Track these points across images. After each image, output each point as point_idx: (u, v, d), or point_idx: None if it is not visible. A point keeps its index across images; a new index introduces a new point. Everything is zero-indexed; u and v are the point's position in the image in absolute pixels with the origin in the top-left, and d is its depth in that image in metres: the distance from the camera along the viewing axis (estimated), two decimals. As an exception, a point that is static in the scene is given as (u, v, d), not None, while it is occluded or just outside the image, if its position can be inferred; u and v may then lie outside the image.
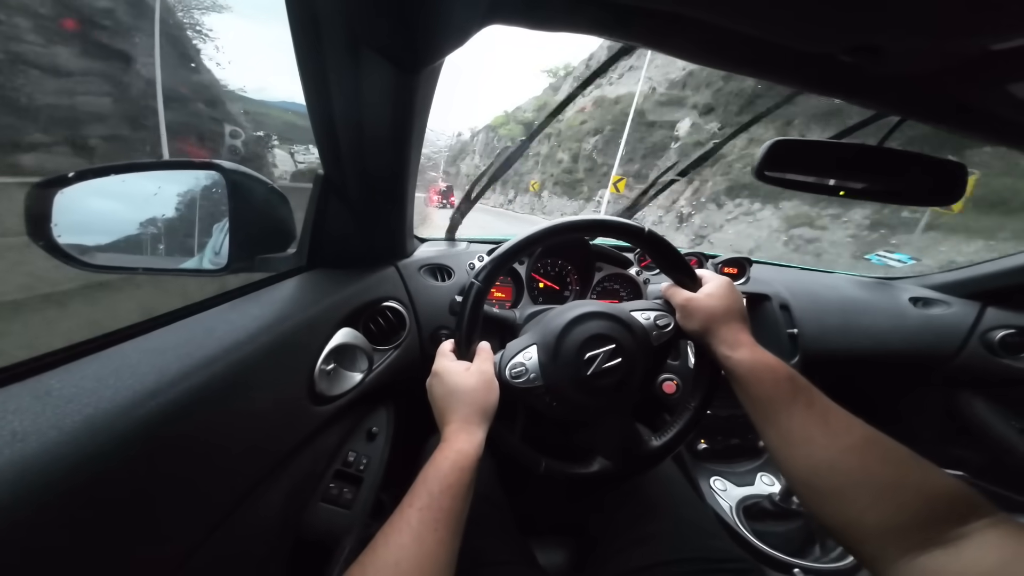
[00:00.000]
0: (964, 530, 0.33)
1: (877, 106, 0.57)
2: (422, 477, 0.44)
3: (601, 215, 0.61)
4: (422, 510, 0.41)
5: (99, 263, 0.58)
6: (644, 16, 0.44)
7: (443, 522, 0.41)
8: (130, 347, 0.42)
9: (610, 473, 0.60)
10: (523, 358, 0.58)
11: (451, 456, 0.46)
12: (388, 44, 0.48)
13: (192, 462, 0.37)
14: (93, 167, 0.56)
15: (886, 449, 0.40)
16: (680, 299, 0.59)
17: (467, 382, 0.53)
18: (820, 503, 0.41)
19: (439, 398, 0.54)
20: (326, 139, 0.60)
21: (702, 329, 0.56)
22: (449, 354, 0.58)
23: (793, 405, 0.46)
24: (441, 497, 0.42)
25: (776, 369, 0.50)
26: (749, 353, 0.52)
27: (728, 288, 0.59)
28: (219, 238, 0.67)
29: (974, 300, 1.34)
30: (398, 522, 0.40)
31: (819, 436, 0.43)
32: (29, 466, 0.27)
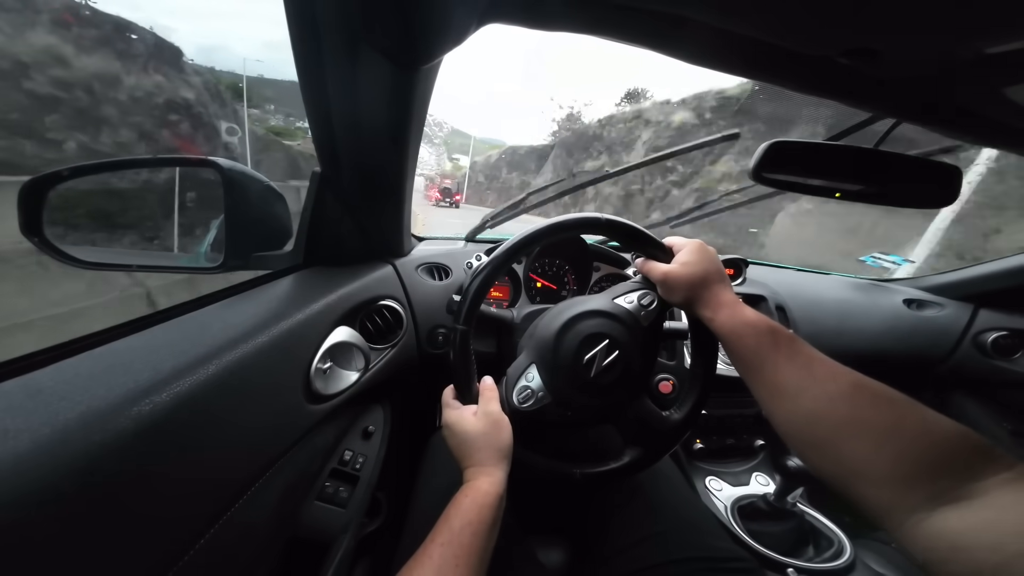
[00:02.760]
0: (981, 485, 0.30)
1: (874, 108, 0.57)
2: (444, 515, 0.44)
3: (558, 217, 0.60)
4: (443, 546, 0.41)
5: (93, 260, 0.58)
6: (644, 17, 0.44)
7: (463, 559, 0.40)
8: (124, 344, 0.42)
9: (642, 459, 0.60)
10: (526, 381, 0.58)
11: (470, 494, 0.46)
12: (387, 42, 0.47)
13: (186, 460, 0.37)
14: (89, 163, 0.55)
15: (875, 393, 0.38)
16: (658, 274, 0.58)
17: (476, 427, 0.53)
18: (816, 456, 0.40)
19: (454, 448, 0.54)
20: (324, 136, 0.60)
21: (685, 300, 0.56)
22: (453, 403, 0.58)
23: (776, 356, 0.46)
24: (461, 534, 0.42)
25: (756, 324, 0.49)
26: (729, 312, 0.52)
27: (701, 251, 0.58)
28: (215, 235, 0.66)
29: (967, 302, 1.36)
30: (420, 556, 0.40)
31: (805, 385, 0.42)
32: (21, 464, 0.27)
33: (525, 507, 0.70)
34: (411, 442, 0.82)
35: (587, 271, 1.02)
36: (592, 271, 1.03)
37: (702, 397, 0.62)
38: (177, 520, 0.36)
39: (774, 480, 1.06)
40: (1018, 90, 0.44)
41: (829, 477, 0.38)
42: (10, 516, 0.25)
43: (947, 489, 0.30)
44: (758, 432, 1.13)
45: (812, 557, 0.93)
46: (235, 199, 0.60)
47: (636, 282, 0.63)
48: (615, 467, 0.61)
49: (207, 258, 0.66)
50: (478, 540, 0.43)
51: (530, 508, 0.72)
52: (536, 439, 0.61)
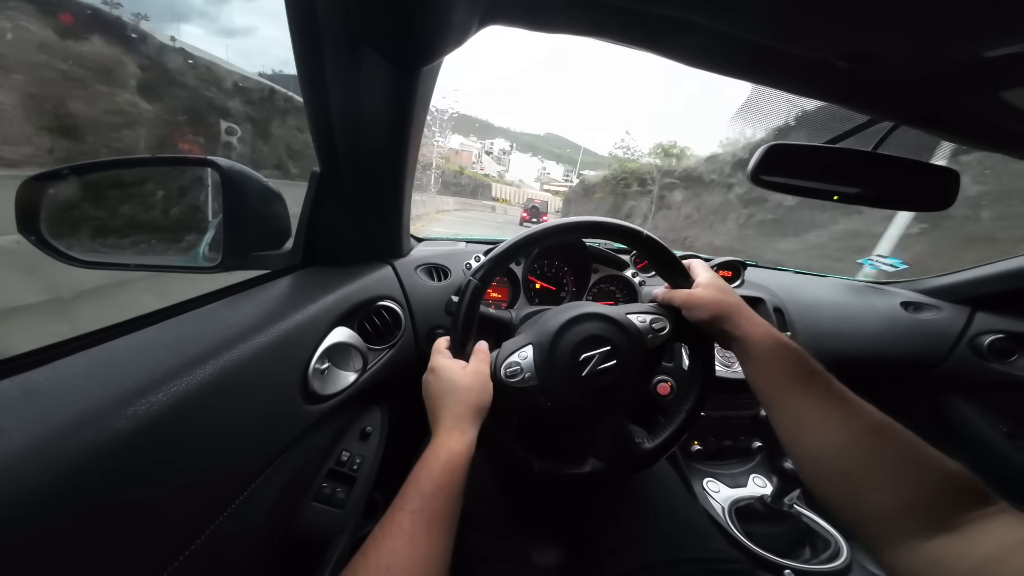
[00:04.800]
0: (969, 516, 0.33)
1: (871, 111, 0.57)
2: (413, 479, 0.44)
3: (600, 217, 0.61)
4: (414, 513, 0.40)
5: (90, 259, 0.58)
6: (644, 20, 0.44)
7: (436, 524, 0.41)
8: (121, 344, 0.41)
9: (602, 474, 0.60)
10: (519, 357, 0.58)
11: (443, 456, 0.46)
12: (387, 43, 0.47)
13: (182, 460, 0.37)
14: (87, 162, 0.55)
15: (898, 433, 0.41)
16: (682, 296, 0.59)
17: (463, 381, 0.53)
18: (829, 484, 0.41)
19: (434, 395, 0.53)
20: (323, 136, 0.60)
21: (713, 316, 0.56)
22: (445, 352, 0.58)
23: (811, 385, 0.46)
24: (433, 499, 0.42)
25: (795, 348, 0.50)
26: (766, 331, 0.52)
27: (720, 278, 0.60)
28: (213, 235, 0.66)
29: (964, 305, 1.36)
30: (389, 526, 0.40)
31: (831, 421, 0.43)
32: (15, 463, 0.27)
33: (520, 507, 0.70)
34: (408, 443, 0.82)
35: (586, 272, 1.02)
36: (591, 272, 1.03)
37: (679, 433, 0.62)
38: (173, 520, 0.36)
39: (771, 482, 1.06)
40: (1016, 93, 0.44)
41: (835, 503, 0.41)
42: (4, 515, 0.25)
43: (941, 521, 0.33)
44: (755, 434, 1.13)
45: (809, 558, 0.93)
46: (233, 198, 0.60)
47: (653, 306, 0.64)
48: (573, 473, 0.60)
49: (205, 258, 0.66)
50: (449, 504, 0.43)
51: (525, 508, 0.72)
52: (508, 421, 0.61)
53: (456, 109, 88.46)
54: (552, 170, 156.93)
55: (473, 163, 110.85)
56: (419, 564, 0.38)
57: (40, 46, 6.17)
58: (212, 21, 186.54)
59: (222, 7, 78.46)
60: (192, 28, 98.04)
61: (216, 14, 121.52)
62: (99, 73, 6.76)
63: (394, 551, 0.38)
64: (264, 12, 21.57)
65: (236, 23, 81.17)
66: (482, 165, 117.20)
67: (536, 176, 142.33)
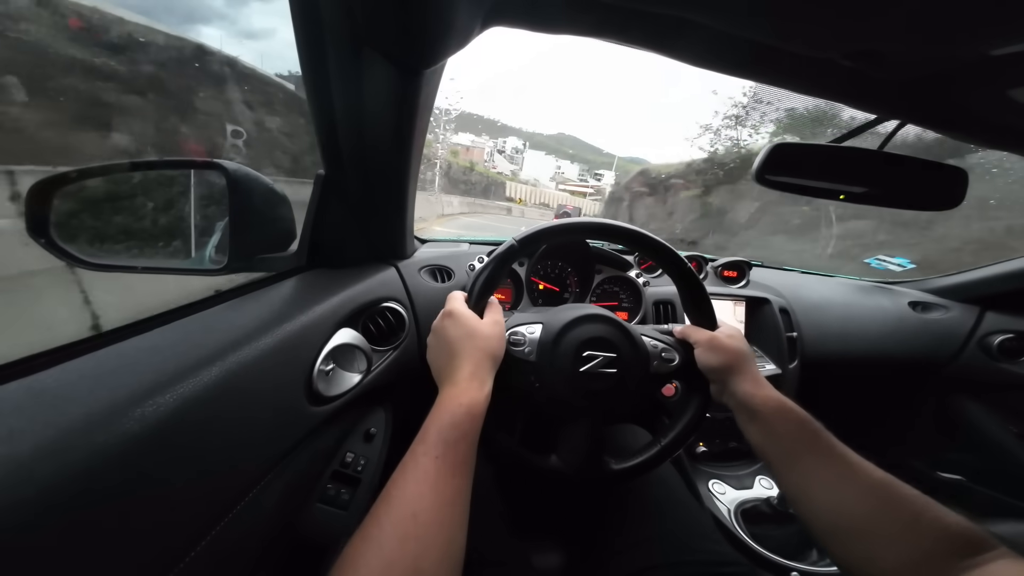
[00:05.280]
0: (971, 563, 0.35)
1: (877, 110, 0.57)
2: (436, 425, 0.43)
3: (654, 236, 0.62)
4: (439, 459, 0.40)
5: (98, 261, 0.58)
6: (647, 20, 0.44)
7: (459, 470, 0.41)
8: (128, 346, 0.42)
9: (560, 474, 0.59)
10: (526, 330, 0.59)
11: (465, 404, 0.45)
12: (391, 45, 0.48)
13: (189, 461, 0.37)
14: (95, 166, 0.56)
15: (901, 490, 0.42)
16: (704, 336, 0.60)
17: (483, 329, 0.53)
18: (840, 542, 0.42)
19: (451, 339, 0.52)
20: (327, 139, 0.60)
21: (725, 366, 0.56)
22: (462, 300, 0.57)
23: (817, 447, 0.47)
24: (457, 446, 0.42)
25: (799, 411, 0.51)
26: (775, 392, 0.53)
27: (741, 333, 0.61)
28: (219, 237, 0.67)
29: (973, 304, 1.35)
30: (414, 471, 0.39)
31: (841, 478, 0.44)
32: (23, 465, 0.27)
33: (520, 509, 0.69)
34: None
35: (589, 273, 1.02)
36: (594, 274, 1.03)
37: (648, 464, 0.61)
38: (179, 521, 0.36)
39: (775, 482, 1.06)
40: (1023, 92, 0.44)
41: (845, 560, 0.42)
42: (13, 518, 0.25)
43: (946, 569, 0.35)
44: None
45: (816, 560, 0.92)
46: (240, 201, 0.60)
47: (669, 338, 0.64)
48: (534, 462, 0.59)
49: (212, 260, 0.67)
50: (471, 452, 0.43)
51: (525, 510, 0.71)
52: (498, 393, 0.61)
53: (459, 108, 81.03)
54: (567, 169, 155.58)
55: (485, 161, 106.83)
56: (445, 509, 0.38)
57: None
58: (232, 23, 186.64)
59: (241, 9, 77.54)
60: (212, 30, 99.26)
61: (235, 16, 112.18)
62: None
63: (420, 496, 0.37)
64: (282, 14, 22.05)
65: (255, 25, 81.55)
66: (494, 163, 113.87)
67: (551, 175, 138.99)
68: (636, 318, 1.05)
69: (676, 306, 1.07)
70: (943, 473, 1.41)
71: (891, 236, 5.44)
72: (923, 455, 1.47)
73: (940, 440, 1.45)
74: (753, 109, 12.59)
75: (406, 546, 0.34)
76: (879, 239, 5.65)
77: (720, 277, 1.24)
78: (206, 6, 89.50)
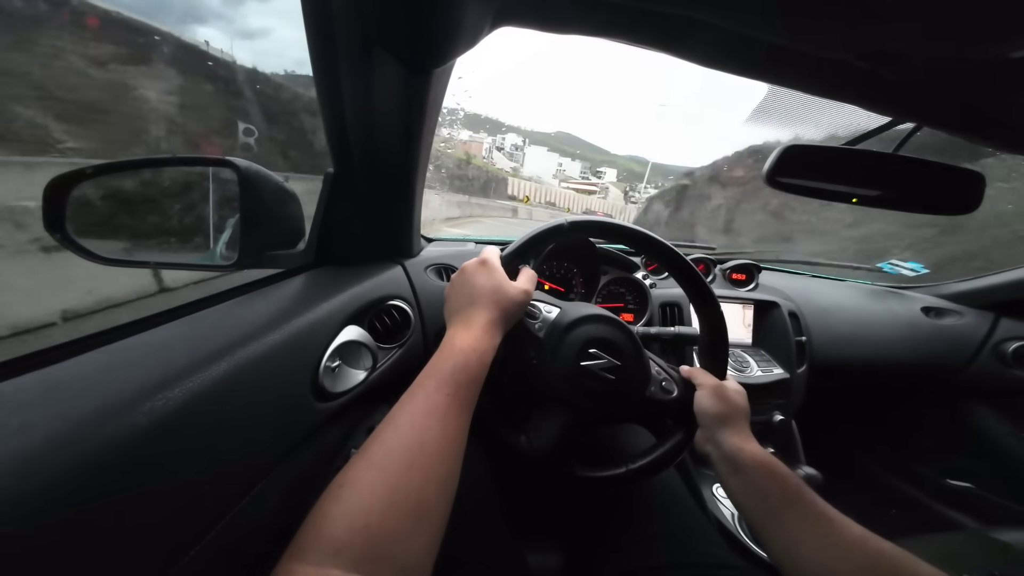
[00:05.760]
0: None
1: (892, 112, 0.56)
2: (449, 363, 0.44)
3: (684, 257, 0.63)
4: (450, 396, 0.41)
5: (113, 256, 0.59)
6: (657, 20, 0.44)
7: (466, 409, 0.42)
8: (138, 340, 0.42)
9: (520, 455, 0.58)
10: (544, 308, 0.61)
11: (479, 350, 0.46)
12: (401, 45, 0.48)
13: (196, 455, 0.38)
14: (111, 162, 0.57)
15: (881, 545, 0.43)
16: (711, 381, 0.60)
17: (511, 290, 0.53)
18: None
19: (478, 286, 0.53)
20: (337, 137, 0.61)
21: (723, 415, 0.57)
22: (497, 254, 0.58)
23: (802, 503, 0.47)
24: (467, 387, 0.43)
25: (783, 467, 0.51)
26: (760, 449, 0.53)
27: (744, 393, 0.62)
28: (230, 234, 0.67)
29: (988, 311, 1.32)
30: (424, 404, 0.40)
31: (827, 535, 0.44)
32: (34, 457, 0.28)
33: (518, 508, 0.69)
34: None
35: (595, 274, 1.02)
36: (600, 274, 1.02)
37: (611, 481, 0.60)
38: (185, 515, 0.37)
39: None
40: (1044, 95, 0.43)
41: None
42: (23, 508, 0.26)
43: None
44: (766, 440, 1.11)
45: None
46: (250, 198, 0.61)
47: (673, 372, 0.65)
48: (504, 436, 0.58)
49: (222, 256, 0.67)
50: (476, 394, 0.45)
51: (523, 509, 0.71)
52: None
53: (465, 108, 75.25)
54: (568, 167, 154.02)
55: (483, 157, 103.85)
56: (449, 443, 0.39)
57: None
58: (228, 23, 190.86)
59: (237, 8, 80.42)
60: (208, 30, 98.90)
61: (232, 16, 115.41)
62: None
63: (428, 428, 0.38)
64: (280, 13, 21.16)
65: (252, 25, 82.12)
66: (493, 161, 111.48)
67: (553, 173, 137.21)
68: (642, 320, 1.04)
69: (683, 308, 1.06)
70: (952, 480, 1.39)
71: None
72: (932, 462, 1.45)
73: (949, 447, 1.43)
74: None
75: (411, 474, 0.35)
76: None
77: (728, 280, 1.23)
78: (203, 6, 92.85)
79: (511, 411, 0.60)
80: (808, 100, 0.61)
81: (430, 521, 0.34)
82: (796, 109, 1.20)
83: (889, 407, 1.52)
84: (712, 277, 1.22)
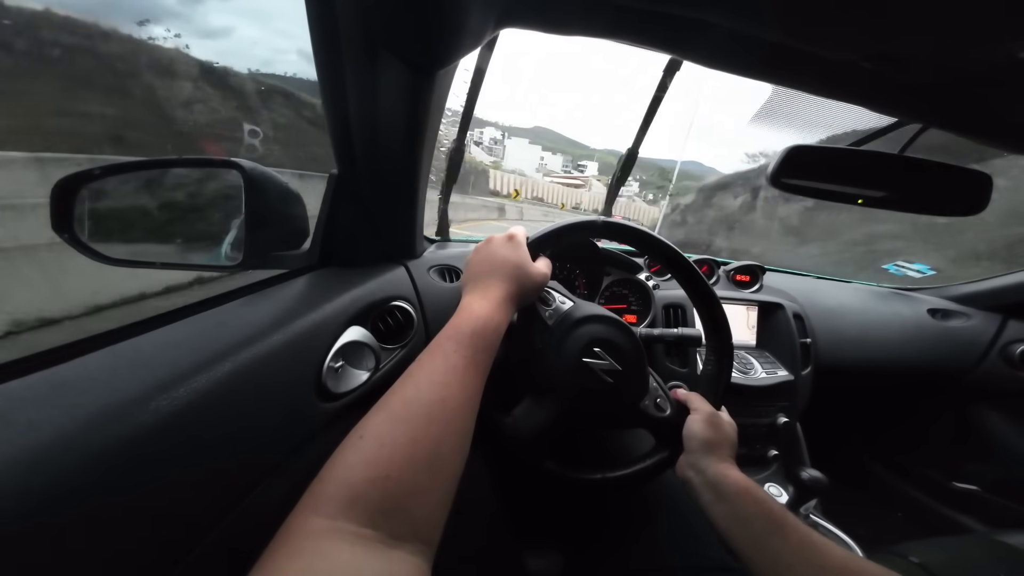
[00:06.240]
0: None
1: (898, 113, 0.55)
2: (468, 330, 0.45)
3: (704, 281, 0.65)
4: (467, 359, 0.42)
5: (119, 257, 0.60)
6: (663, 21, 0.44)
7: (481, 374, 0.43)
8: (144, 340, 0.43)
9: (503, 433, 0.58)
10: (559, 297, 0.61)
11: (494, 322, 0.47)
12: (404, 46, 0.48)
13: (201, 455, 0.38)
14: (118, 163, 0.57)
15: (863, 565, 0.43)
16: (707, 408, 0.61)
17: (533, 270, 0.55)
18: None
19: (503, 259, 0.54)
20: (341, 138, 0.61)
21: (711, 442, 0.57)
22: (524, 235, 0.59)
23: (786, 529, 0.47)
24: (484, 353, 0.44)
25: (764, 492, 0.52)
26: (743, 476, 0.54)
27: (735, 428, 0.63)
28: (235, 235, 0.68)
29: (995, 312, 1.31)
30: (443, 364, 0.41)
31: (808, 561, 0.45)
32: (42, 455, 0.28)
33: (516, 510, 0.69)
34: None
35: (598, 275, 1.02)
36: (604, 276, 1.02)
37: (582, 484, 0.60)
38: (189, 513, 0.37)
39: (787, 491, 1.04)
40: (1053, 96, 0.42)
41: None
42: (32, 505, 0.26)
43: None
44: (771, 442, 1.11)
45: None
46: (255, 199, 0.61)
47: (671, 395, 0.65)
48: (497, 416, 0.58)
49: (228, 257, 0.68)
50: (491, 362, 0.46)
51: (521, 511, 0.71)
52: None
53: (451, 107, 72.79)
54: (550, 161, 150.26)
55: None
56: (467, 403, 0.40)
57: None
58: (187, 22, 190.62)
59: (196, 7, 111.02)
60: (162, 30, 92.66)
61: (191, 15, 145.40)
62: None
63: (447, 385, 0.39)
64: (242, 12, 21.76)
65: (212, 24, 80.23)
66: (470, 155, 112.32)
67: (536, 167, 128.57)
68: (645, 321, 1.04)
69: (686, 310, 1.06)
70: (958, 483, 1.37)
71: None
72: (938, 465, 1.44)
73: (956, 450, 1.42)
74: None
75: (431, 428, 0.35)
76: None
77: (733, 281, 1.23)
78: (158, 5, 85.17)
79: (504, 389, 0.60)
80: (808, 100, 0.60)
81: (445, 477, 0.35)
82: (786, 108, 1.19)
83: (895, 409, 1.51)
84: (716, 278, 1.22)
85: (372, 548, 0.28)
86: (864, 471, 1.62)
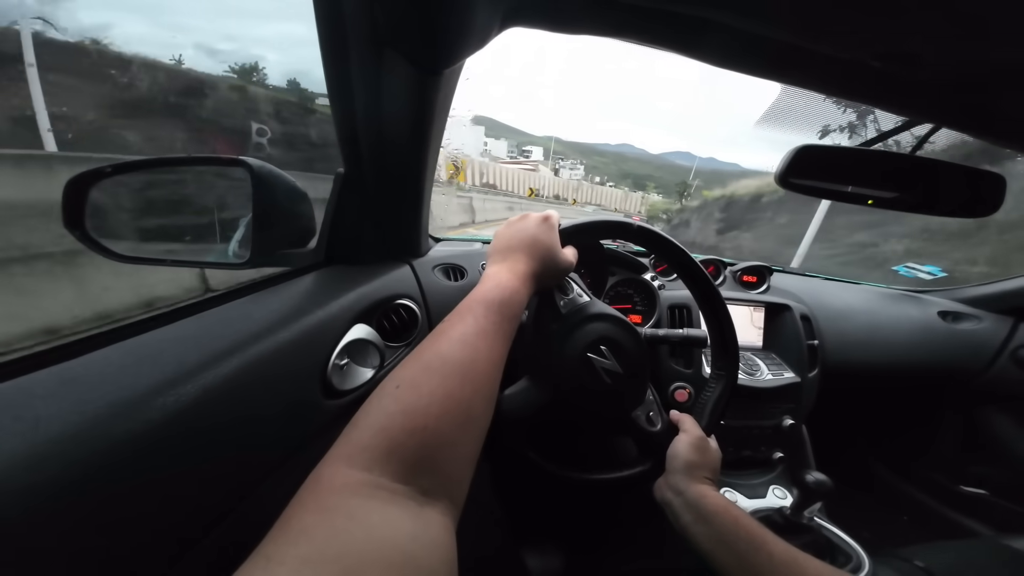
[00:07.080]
0: None
1: (909, 113, 0.55)
2: (496, 294, 0.46)
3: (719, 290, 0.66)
4: (495, 324, 0.43)
5: (129, 254, 0.60)
6: (670, 20, 0.44)
7: (506, 341, 0.44)
8: (152, 337, 0.43)
9: (499, 415, 0.59)
10: (578, 291, 0.62)
11: (520, 295, 0.48)
12: (410, 45, 0.48)
13: (207, 450, 0.38)
14: (128, 161, 0.58)
15: None
16: (696, 431, 0.62)
17: (561, 255, 0.56)
18: None
19: (535, 238, 0.54)
20: (348, 138, 0.61)
21: (695, 464, 0.58)
22: (558, 222, 0.60)
23: (765, 548, 0.48)
24: (510, 322, 0.45)
25: (746, 514, 0.53)
26: (723, 497, 0.56)
27: (720, 458, 0.65)
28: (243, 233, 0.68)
29: (1007, 315, 1.29)
30: (474, 325, 0.41)
31: (790, 574, 0.46)
32: (50, 450, 0.28)
33: (516, 510, 0.69)
34: None
35: (603, 275, 1.02)
36: (608, 276, 1.02)
37: (559, 478, 0.60)
38: (195, 507, 0.38)
39: (791, 494, 1.03)
40: (1069, 97, 0.41)
41: None
42: (41, 500, 0.27)
43: None
44: (776, 444, 1.10)
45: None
46: (263, 197, 0.61)
47: (663, 411, 0.66)
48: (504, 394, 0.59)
49: (235, 255, 0.68)
50: (514, 333, 0.46)
51: (520, 511, 0.71)
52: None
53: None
54: (494, 147, 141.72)
55: None
56: (494, 367, 0.41)
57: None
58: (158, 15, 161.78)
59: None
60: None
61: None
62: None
63: (477, 348, 0.39)
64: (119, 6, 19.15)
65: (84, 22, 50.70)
66: None
67: (480, 152, 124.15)
68: (650, 322, 1.04)
69: (692, 310, 1.05)
70: (966, 487, 1.36)
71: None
72: (946, 468, 1.42)
73: (964, 453, 1.40)
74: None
75: (464, 386, 0.36)
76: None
77: (739, 282, 1.22)
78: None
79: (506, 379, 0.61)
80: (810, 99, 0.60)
81: (474, 435, 0.35)
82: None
83: (902, 412, 1.50)
84: (722, 279, 1.21)
85: (404, 508, 0.27)
86: (869, 474, 1.61)
